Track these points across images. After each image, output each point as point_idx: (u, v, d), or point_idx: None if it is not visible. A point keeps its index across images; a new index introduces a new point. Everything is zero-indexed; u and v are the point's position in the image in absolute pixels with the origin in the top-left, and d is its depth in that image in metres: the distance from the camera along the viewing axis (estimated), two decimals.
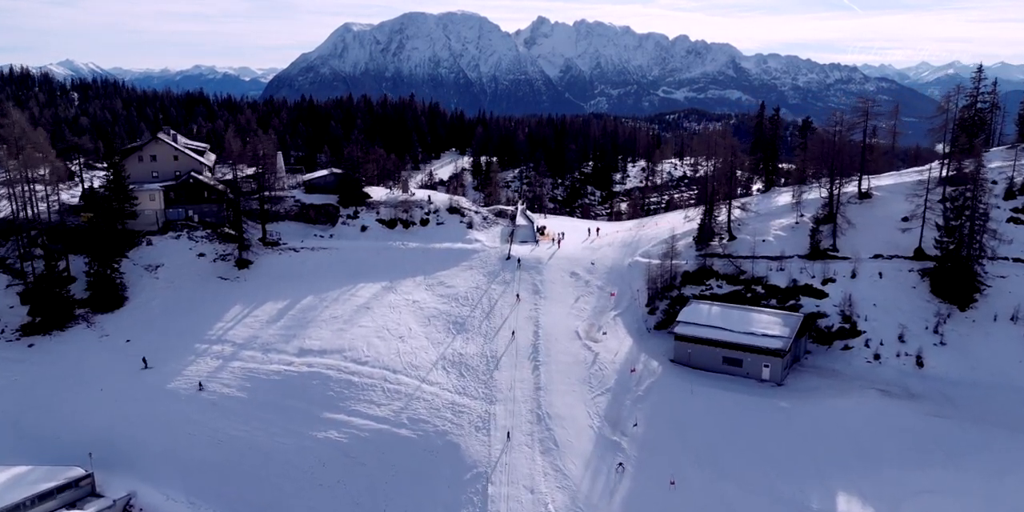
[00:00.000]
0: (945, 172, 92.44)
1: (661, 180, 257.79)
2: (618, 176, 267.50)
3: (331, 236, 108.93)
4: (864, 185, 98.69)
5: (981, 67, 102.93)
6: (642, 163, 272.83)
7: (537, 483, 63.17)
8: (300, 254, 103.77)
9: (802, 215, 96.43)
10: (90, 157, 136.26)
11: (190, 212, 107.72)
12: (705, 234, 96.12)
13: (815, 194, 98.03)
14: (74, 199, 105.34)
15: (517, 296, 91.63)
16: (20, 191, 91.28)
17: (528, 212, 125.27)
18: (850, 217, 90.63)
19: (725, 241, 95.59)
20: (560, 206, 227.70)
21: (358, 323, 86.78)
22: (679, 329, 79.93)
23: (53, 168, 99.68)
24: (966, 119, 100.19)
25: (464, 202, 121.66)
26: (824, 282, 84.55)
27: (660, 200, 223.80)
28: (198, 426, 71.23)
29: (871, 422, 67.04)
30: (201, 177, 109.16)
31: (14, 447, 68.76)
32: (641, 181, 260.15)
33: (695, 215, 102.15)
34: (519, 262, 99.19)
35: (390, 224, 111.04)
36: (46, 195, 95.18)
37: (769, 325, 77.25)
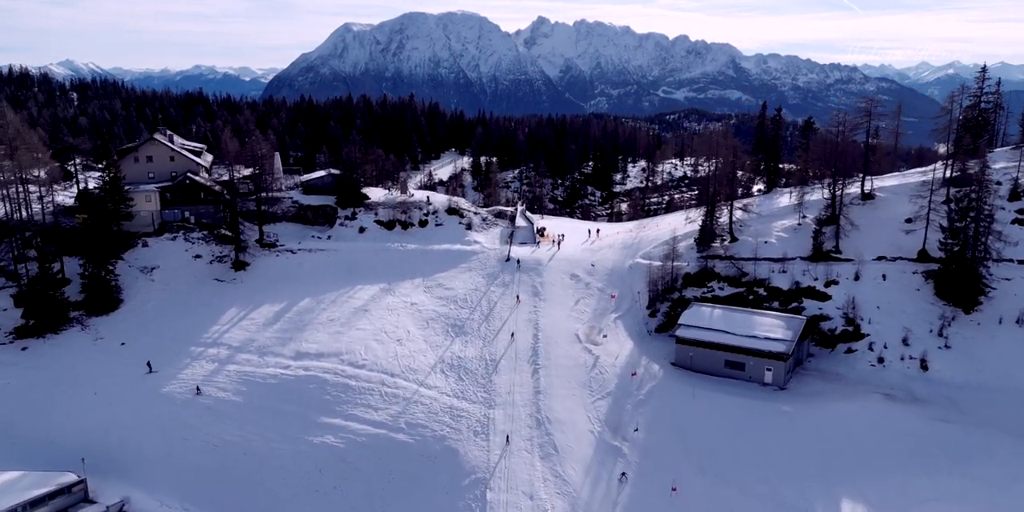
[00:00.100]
0: (949, 173, 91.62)
1: (661, 180, 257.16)
2: (618, 176, 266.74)
3: (329, 237, 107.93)
4: (867, 186, 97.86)
5: (985, 67, 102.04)
6: (642, 163, 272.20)
7: (536, 489, 62.26)
8: (297, 256, 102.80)
9: (804, 216, 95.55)
10: (88, 157, 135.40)
11: (186, 213, 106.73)
12: (706, 235, 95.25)
13: (817, 195, 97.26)
14: (69, 200, 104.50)
15: (517, 298, 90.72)
16: (14, 192, 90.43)
17: (528, 213, 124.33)
18: (853, 218, 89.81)
19: (727, 243, 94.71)
20: (560, 207, 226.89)
21: (355, 326, 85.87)
22: (680, 332, 79.10)
23: (49, 169, 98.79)
24: (970, 119, 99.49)
25: (463, 203, 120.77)
26: (827, 284, 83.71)
27: (660, 200, 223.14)
28: (193, 431, 70.28)
29: (875, 427, 66.33)
30: (197, 178, 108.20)
31: (6, 452, 67.68)
32: (641, 181, 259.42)
33: (696, 216, 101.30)
34: (519, 264, 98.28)
35: (388, 225, 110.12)
36: (40, 196, 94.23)
37: (772, 328, 76.41)
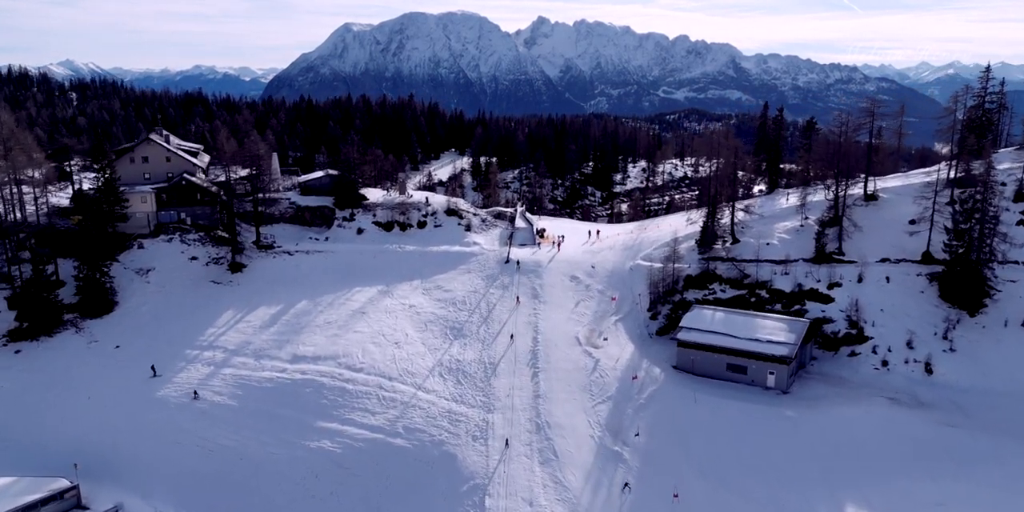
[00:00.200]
0: (953, 174, 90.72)
1: (662, 181, 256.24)
2: (618, 177, 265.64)
3: (326, 239, 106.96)
4: (870, 187, 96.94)
5: (989, 67, 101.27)
6: (643, 164, 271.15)
7: (536, 495, 61.33)
8: (294, 257, 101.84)
9: (807, 217, 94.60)
10: (85, 158, 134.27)
11: (182, 214, 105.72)
12: (708, 237, 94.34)
13: (819, 196, 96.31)
14: (64, 201, 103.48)
15: (516, 300, 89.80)
16: (8, 193, 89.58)
17: (528, 214, 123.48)
18: (856, 220, 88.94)
19: (728, 244, 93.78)
20: (560, 207, 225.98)
21: (353, 328, 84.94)
22: (682, 335, 78.20)
23: (44, 170, 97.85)
24: (974, 120, 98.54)
25: (462, 204, 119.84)
26: (830, 287, 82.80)
27: (661, 201, 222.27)
28: (188, 435, 69.29)
29: (879, 431, 65.59)
30: (194, 179, 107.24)
31: None
32: (642, 182, 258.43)
33: (697, 217, 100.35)
34: (518, 265, 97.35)
35: (387, 227, 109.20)
36: (35, 197, 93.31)
37: (774, 331, 75.51)
